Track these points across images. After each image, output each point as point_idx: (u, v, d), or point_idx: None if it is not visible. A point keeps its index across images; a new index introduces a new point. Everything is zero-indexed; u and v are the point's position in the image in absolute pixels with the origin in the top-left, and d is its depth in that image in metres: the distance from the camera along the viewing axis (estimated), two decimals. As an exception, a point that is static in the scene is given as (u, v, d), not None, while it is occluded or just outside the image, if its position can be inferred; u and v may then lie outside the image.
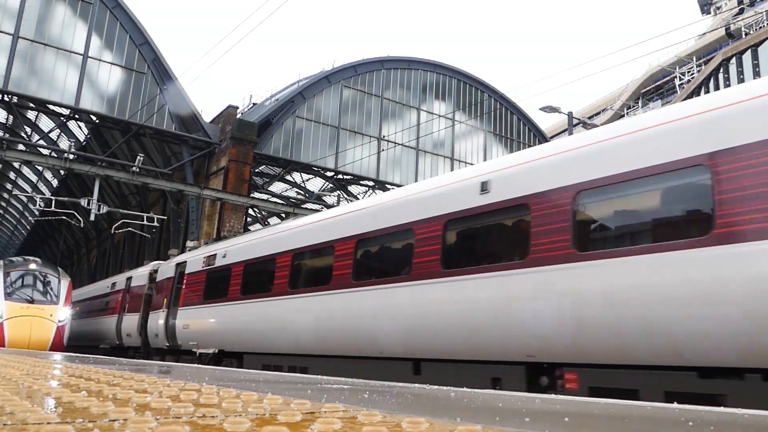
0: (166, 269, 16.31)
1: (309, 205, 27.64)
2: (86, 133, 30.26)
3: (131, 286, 19.27)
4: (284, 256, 10.84)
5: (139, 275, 19.02)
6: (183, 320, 14.00)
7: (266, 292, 11.06)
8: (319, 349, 9.58)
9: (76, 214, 24.27)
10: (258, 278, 11.61)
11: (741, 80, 30.08)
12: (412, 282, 7.85)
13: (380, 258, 9.05)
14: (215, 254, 13.43)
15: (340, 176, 29.25)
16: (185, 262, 15.04)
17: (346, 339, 8.94)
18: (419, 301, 7.73)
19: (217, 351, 12.57)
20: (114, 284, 21.54)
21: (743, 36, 33.30)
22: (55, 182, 40.33)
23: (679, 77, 39.80)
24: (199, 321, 13.39)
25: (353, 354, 8.86)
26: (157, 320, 15.41)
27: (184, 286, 14.44)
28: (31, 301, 17.88)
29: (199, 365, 10.44)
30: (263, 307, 11.02)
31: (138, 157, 22.50)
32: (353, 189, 30.80)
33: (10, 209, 54.67)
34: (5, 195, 49.56)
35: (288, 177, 30.54)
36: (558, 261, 6.07)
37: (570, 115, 19.90)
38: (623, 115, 43.23)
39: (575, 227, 6.06)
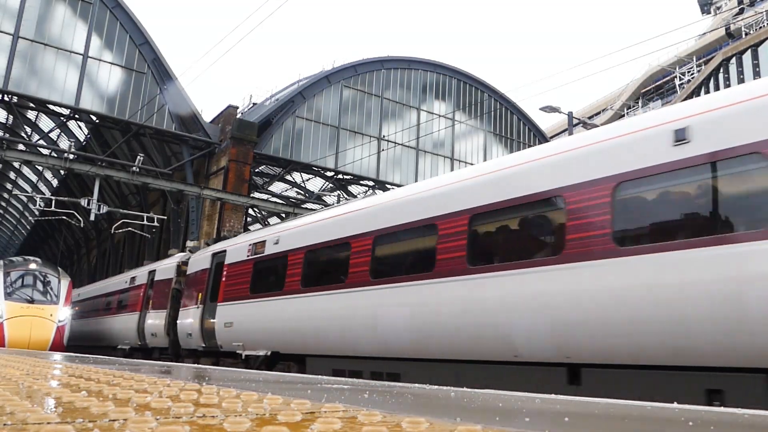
0: (199, 260, 14.59)
1: (309, 205, 27.65)
2: (86, 133, 30.26)
3: (155, 281, 17.52)
4: (363, 240, 9.01)
5: (165, 268, 17.29)
6: (225, 317, 12.27)
7: (338, 283, 9.37)
8: (418, 352, 7.77)
9: (76, 214, 24.26)
10: (327, 267, 10.01)
11: (741, 80, 30.07)
12: (570, 264, 5.99)
13: (509, 235, 7.07)
14: (265, 240, 11.81)
15: (340, 176, 29.25)
16: (224, 251, 13.37)
17: (459, 339, 7.06)
18: (589, 288, 5.80)
19: (270, 353, 10.85)
20: (133, 279, 19.74)
21: (743, 36, 33.30)
22: (55, 182, 40.33)
23: (679, 77, 39.79)
24: (246, 318, 11.68)
25: (467, 357, 7.09)
26: (190, 318, 13.80)
27: (224, 279, 12.81)
28: (31, 301, 17.88)
29: (199, 365, 10.38)
30: (334, 301, 9.30)
31: (138, 157, 22.49)
32: (353, 189, 30.80)
33: (10, 209, 54.67)
34: (5, 195, 49.55)
35: (288, 177, 30.55)
36: None
37: (570, 115, 19.90)
38: (623, 115, 43.23)
39: None
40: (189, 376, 4.84)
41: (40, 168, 37.07)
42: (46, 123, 30.42)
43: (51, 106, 23.70)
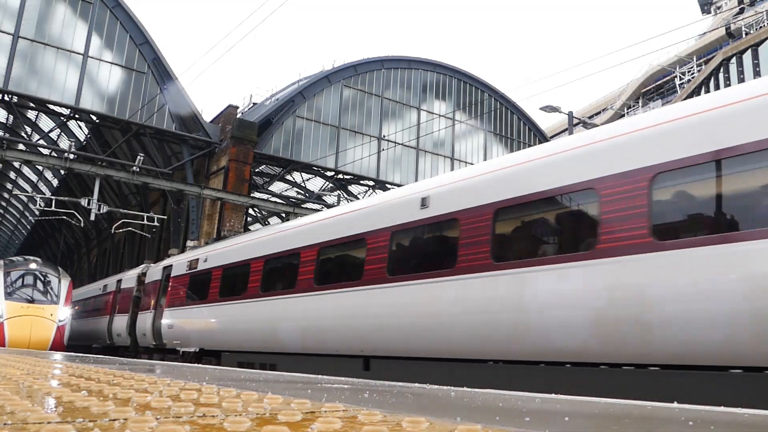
0: (154, 272, 16.94)
1: (309, 205, 27.65)
2: (86, 133, 30.25)
3: (121, 288, 19.88)
4: (258, 262, 11.62)
5: (129, 278, 19.67)
6: (168, 321, 14.69)
7: (241, 294, 11.79)
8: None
9: (76, 213, 24.25)
10: (235, 281, 12.23)
11: (741, 80, 30.06)
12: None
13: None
14: (197, 258, 14.13)
15: (340, 176, 29.24)
16: (171, 265, 15.65)
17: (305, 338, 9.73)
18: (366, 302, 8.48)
19: (198, 350, 13.24)
20: (105, 286, 22.28)
21: (743, 35, 33.28)
22: (55, 182, 40.33)
23: (680, 77, 39.77)
24: (182, 321, 14.01)
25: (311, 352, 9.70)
26: (145, 321, 16.10)
27: (169, 288, 15.10)
28: (32, 301, 17.88)
29: (200, 365, 10.43)
30: (240, 309, 11.66)
31: (138, 157, 22.49)
32: (353, 189, 30.80)
33: (11, 209, 54.66)
34: (5, 195, 49.54)
35: (288, 177, 30.53)
36: None
37: (570, 114, 19.90)
38: (623, 115, 43.21)
39: None
40: (189, 376, 4.84)
41: (40, 168, 37.07)
42: (46, 123, 30.41)
43: (51, 106, 23.70)
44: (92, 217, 22.99)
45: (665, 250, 5.20)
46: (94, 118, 24.63)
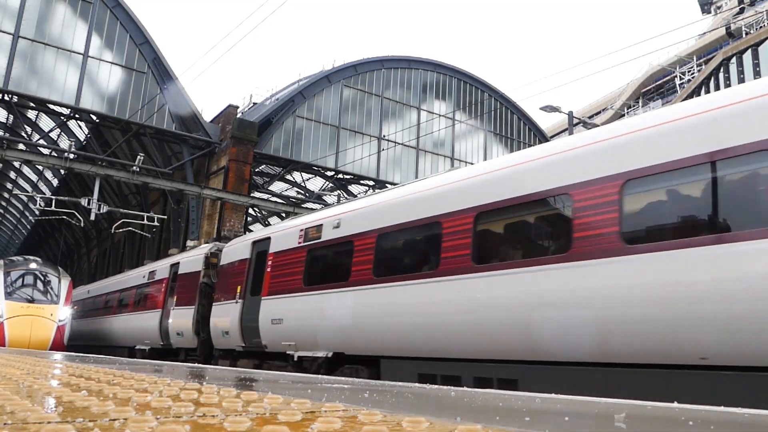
0: (235, 249, 13.02)
1: (309, 205, 27.65)
2: (86, 133, 30.26)
3: (180, 274, 15.76)
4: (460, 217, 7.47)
5: (190, 260, 15.53)
6: (272, 313, 10.69)
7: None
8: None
9: (76, 213, 24.26)
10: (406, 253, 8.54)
11: (741, 80, 30.05)
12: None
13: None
14: (319, 224, 10.30)
15: (340, 176, 29.25)
16: (268, 238, 11.78)
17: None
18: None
19: (330, 354, 9.25)
20: (152, 273, 17.92)
21: (743, 35, 33.27)
22: (55, 182, 40.34)
23: (680, 77, 39.77)
24: (298, 314, 10.07)
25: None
26: (227, 314, 12.16)
27: (269, 270, 11.28)
28: (32, 301, 17.88)
29: (200, 365, 10.27)
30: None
31: (138, 157, 22.49)
32: (353, 189, 30.81)
33: (11, 209, 54.67)
34: (5, 194, 49.55)
35: (288, 176, 30.54)
36: None
37: (570, 114, 19.90)
38: (623, 115, 43.20)
39: None
40: (189, 376, 4.84)
41: (40, 167, 37.07)
42: (46, 122, 30.42)
43: (51, 106, 23.71)
44: (92, 217, 23.00)
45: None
46: (94, 117, 24.64)
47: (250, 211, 29.00)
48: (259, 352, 11.27)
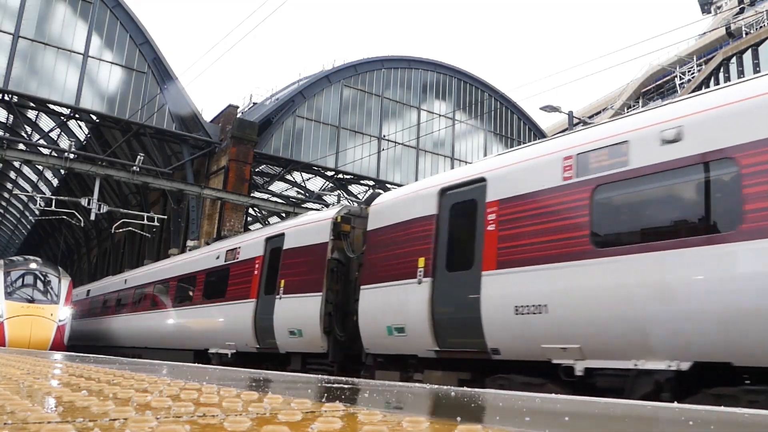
0: (405, 201, 8.87)
1: (309, 205, 27.64)
2: (86, 133, 30.26)
3: (287, 249, 11.33)
4: None
5: (305, 229, 11.08)
6: (514, 298, 6.49)
7: None
8: None
9: (76, 213, 24.24)
10: None
11: (741, 80, 30.00)
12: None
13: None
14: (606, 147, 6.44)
15: (340, 176, 29.24)
16: (483, 179, 7.47)
17: None
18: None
19: (689, 366, 5.05)
20: (234, 252, 13.34)
21: (743, 35, 33.28)
22: (55, 182, 40.33)
23: (680, 76, 39.76)
24: (590, 294, 5.85)
25: None
26: (398, 301, 8.25)
27: (497, 228, 6.98)
28: (32, 301, 17.87)
29: (199, 365, 9.86)
30: None
31: (138, 157, 22.48)
32: (353, 188, 30.80)
33: (11, 209, 54.66)
34: (5, 194, 49.54)
35: (288, 176, 30.53)
36: None
37: (570, 114, 19.90)
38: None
39: None
40: (189, 376, 4.84)
41: (40, 167, 37.06)
42: (46, 122, 30.41)
43: (51, 106, 23.70)
44: (92, 217, 22.98)
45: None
46: (94, 117, 24.63)
47: (250, 211, 29.00)
48: (472, 361, 7.26)
